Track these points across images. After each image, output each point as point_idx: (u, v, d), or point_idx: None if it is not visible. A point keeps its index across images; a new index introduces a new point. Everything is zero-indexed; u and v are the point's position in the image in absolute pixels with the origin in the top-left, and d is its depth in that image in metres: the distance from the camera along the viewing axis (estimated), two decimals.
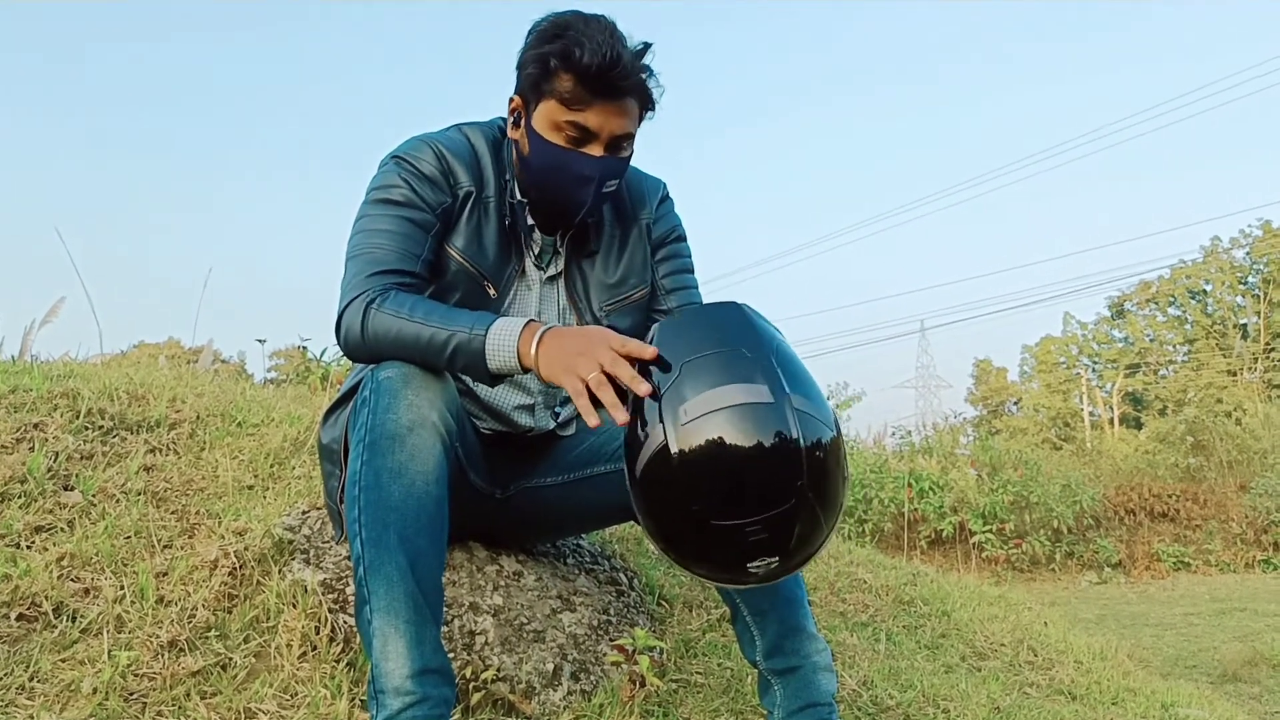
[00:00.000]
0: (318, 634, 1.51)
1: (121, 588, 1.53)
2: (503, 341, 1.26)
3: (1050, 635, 2.67)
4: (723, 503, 1.09)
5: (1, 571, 1.49)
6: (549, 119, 1.39)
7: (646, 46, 1.37)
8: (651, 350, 1.16)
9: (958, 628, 2.53)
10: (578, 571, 1.89)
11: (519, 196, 1.49)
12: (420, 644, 1.20)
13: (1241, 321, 32.85)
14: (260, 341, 4.08)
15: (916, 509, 9.14)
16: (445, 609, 1.50)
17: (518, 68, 1.42)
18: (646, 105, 1.42)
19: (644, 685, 1.59)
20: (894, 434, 11.74)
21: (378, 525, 1.23)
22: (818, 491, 1.10)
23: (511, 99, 1.46)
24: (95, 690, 1.31)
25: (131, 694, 1.34)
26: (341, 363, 3.43)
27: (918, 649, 2.30)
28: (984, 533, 8.86)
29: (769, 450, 1.07)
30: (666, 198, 1.64)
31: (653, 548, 1.24)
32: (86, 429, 2.06)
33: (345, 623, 1.54)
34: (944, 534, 9.03)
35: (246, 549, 1.65)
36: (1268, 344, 30.71)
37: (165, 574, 1.59)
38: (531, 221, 1.51)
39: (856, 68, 64.21)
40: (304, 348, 3.85)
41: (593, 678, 1.64)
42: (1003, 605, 2.90)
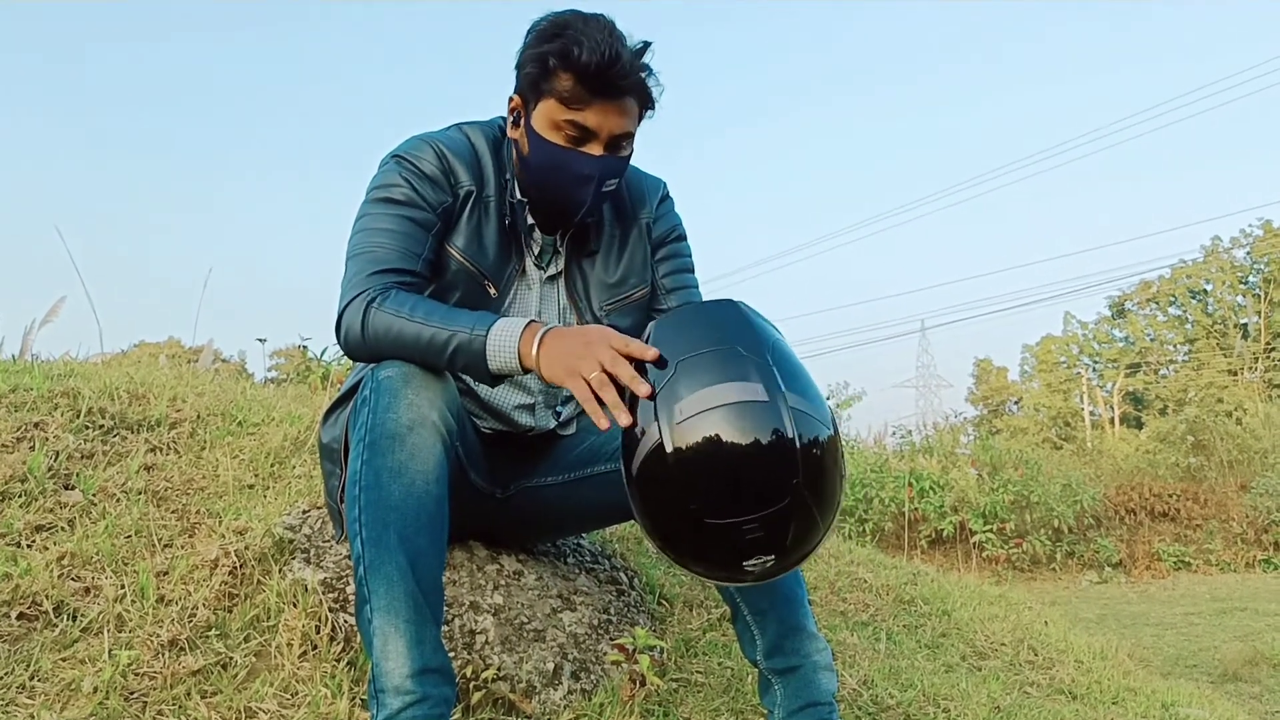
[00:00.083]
0: (318, 633, 1.51)
1: (122, 587, 1.53)
2: (504, 342, 1.26)
3: (1051, 635, 2.67)
4: (718, 501, 1.09)
5: (2, 570, 1.49)
6: (548, 118, 1.39)
7: (646, 45, 1.37)
8: (653, 352, 1.15)
9: (958, 627, 2.53)
10: (578, 571, 1.89)
11: (519, 196, 1.49)
12: (420, 643, 1.20)
13: (1242, 321, 32.84)
14: (261, 341, 4.09)
15: (917, 508, 9.13)
16: (445, 608, 1.50)
17: (517, 67, 1.42)
18: (646, 104, 1.42)
19: (644, 684, 1.59)
20: (894, 433, 11.76)
21: (378, 525, 1.23)
22: (814, 490, 1.10)
23: (511, 98, 1.46)
24: (96, 689, 1.31)
25: (132, 693, 1.34)
26: (342, 362, 3.43)
27: (918, 648, 2.30)
28: (984, 532, 8.86)
29: (764, 449, 1.07)
30: (666, 197, 1.64)
31: (650, 546, 1.24)
32: (87, 428, 2.07)
33: (346, 622, 1.54)
34: (944, 533, 9.03)
35: (247, 548, 1.65)
36: (1268, 343, 30.69)
37: (166, 573, 1.59)
38: (531, 221, 1.51)
39: (856, 68, 64.28)
40: (304, 347, 3.85)
41: (593, 677, 1.65)
42: (1003, 605, 2.90)
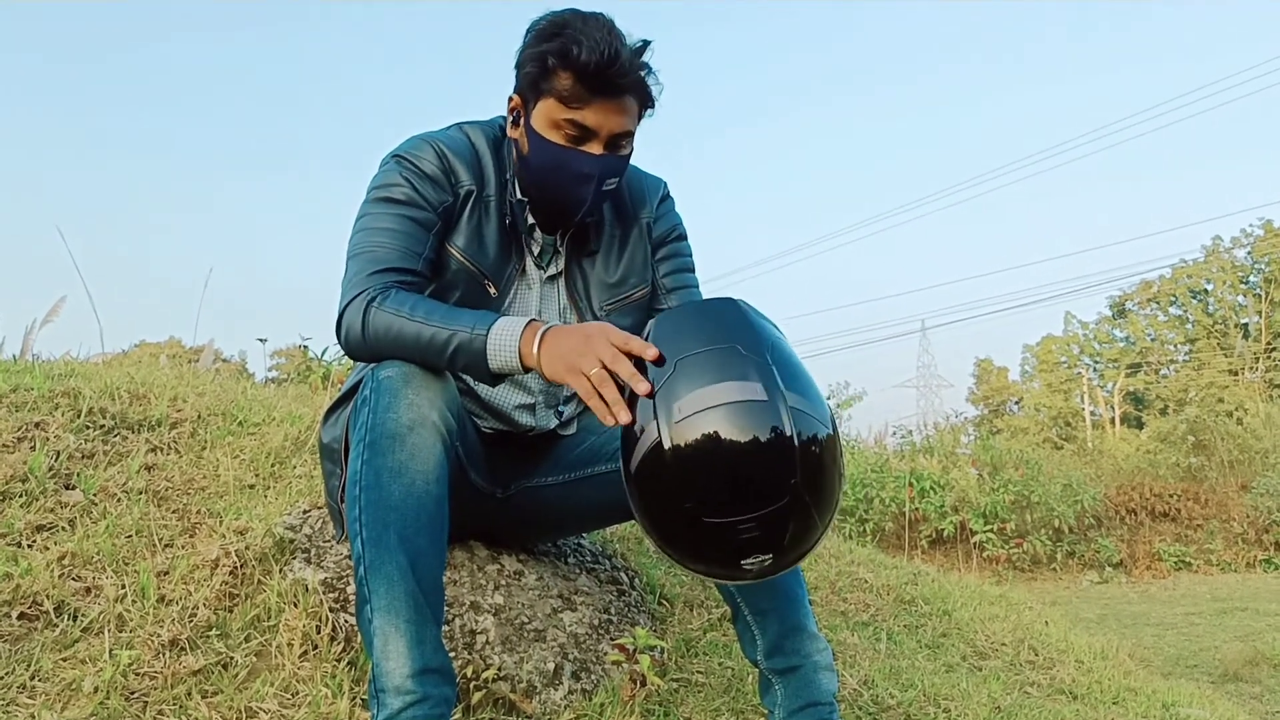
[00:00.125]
0: (319, 633, 1.51)
1: (122, 587, 1.53)
2: (504, 341, 1.26)
3: (1051, 635, 2.67)
4: (716, 500, 1.09)
5: (3, 570, 1.49)
6: (548, 117, 1.39)
7: (645, 44, 1.37)
8: (653, 350, 1.15)
9: (959, 627, 2.53)
10: (579, 571, 1.89)
11: (519, 195, 1.49)
12: (421, 643, 1.20)
13: (1243, 321, 32.82)
14: (261, 341, 4.09)
15: (917, 508, 9.13)
16: (446, 608, 1.50)
17: (516, 66, 1.42)
18: (646, 103, 1.41)
19: (645, 684, 1.59)
20: (895, 433, 11.75)
21: (378, 525, 1.23)
22: (812, 489, 1.10)
23: (510, 98, 1.46)
24: (96, 689, 1.31)
25: (132, 693, 1.34)
26: (342, 362, 3.43)
27: (919, 648, 2.29)
28: (985, 532, 8.85)
29: (762, 448, 1.07)
30: (667, 197, 1.64)
31: (649, 543, 1.24)
32: (88, 428, 2.07)
33: (346, 622, 1.54)
34: (945, 533, 9.02)
35: (247, 548, 1.65)
36: (1269, 343, 30.68)
37: (166, 573, 1.59)
38: (532, 220, 1.51)
39: (856, 68, 64.25)
40: (305, 347, 3.85)
41: (593, 677, 1.64)
42: (1004, 605, 2.90)
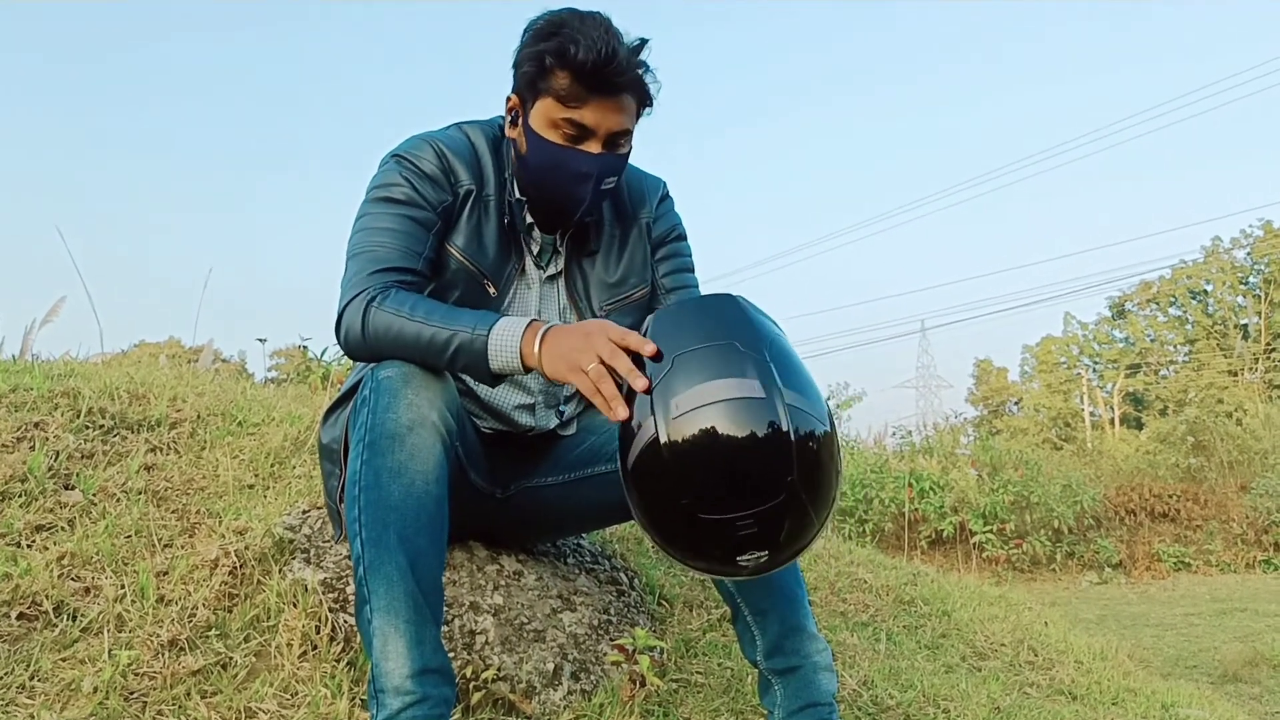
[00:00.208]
0: (318, 633, 1.51)
1: (122, 587, 1.53)
2: (505, 341, 1.26)
3: (1051, 635, 2.67)
4: (712, 496, 1.09)
5: (2, 570, 1.49)
6: (546, 117, 1.38)
7: (643, 42, 1.36)
8: (651, 346, 1.15)
9: (958, 628, 2.53)
10: (578, 571, 1.89)
11: (518, 195, 1.49)
12: (420, 643, 1.20)
13: (1242, 322, 32.84)
14: (261, 341, 4.09)
15: (917, 509, 9.13)
16: (445, 608, 1.50)
17: (514, 66, 1.42)
18: (644, 101, 1.41)
19: (644, 685, 1.59)
20: (894, 434, 11.74)
21: (378, 525, 1.23)
22: (808, 487, 1.10)
23: (508, 98, 1.46)
24: (95, 689, 1.31)
25: (132, 693, 1.34)
26: (342, 362, 3.43)
27: (918, 649, 2.29)
28: (984, 533, 8.86)
29: (759, 445, 1.07)
30: (666, 197, 1.64)
31: (647, 539, 1.24)
32: (87, 428, 2.06)
33: (345, 622, 1.54)
34: (944, 534, 9.02)
35: (247, 548, 1.65)
36: (1268, 344, 30.70)
37: (166, 573, 1.59)
38: (530, 220, 1.51)
39: (856, 68, 64.26)
40: (304, 347, 3.85)
41: (593, 677, 1.64)
42: (1003, 605, 2.90)
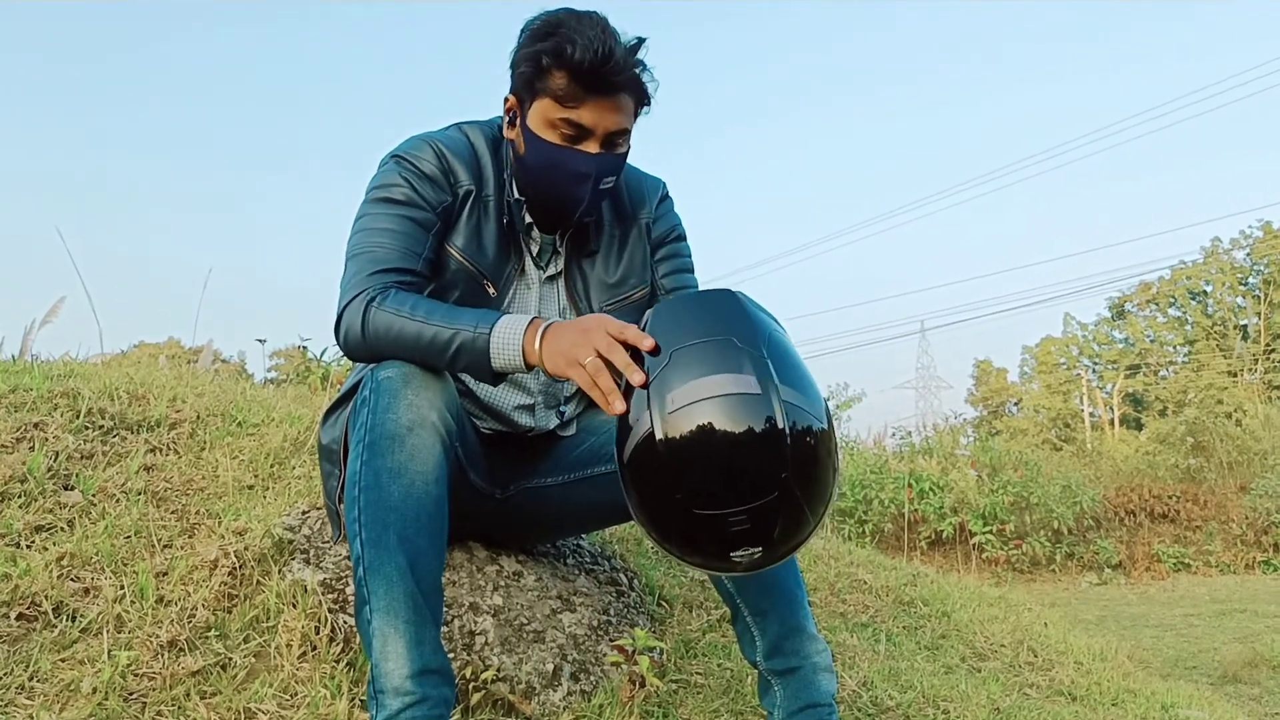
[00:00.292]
0: (317, 634, 1.51)
1: (121, 587, 1.53)
2: (507, 340, 1.26)
3: (1050, 636, 2.66)
4: (706, 492, 1.08)
5: (1, 571, 1.49)
6: (544, 117, 1.38)
7: (640, 41, 1.36)
8: (649, 341, 1.15)
9: (958, 629, 2.53)
10: (578, 572, 1.89)
11: (516, 195, 1.49)
12: (420, 644, 1.20)
13: (1242, 322, 32.86)
14: (260, 341, 4.08)
15: (917, 510, 9.14)
16: (445, 609, 1.50)
17: (511, 67, 1.42)
18: (642, 100, 1.41)
19: (644, 686, 1.59)
20: (894, 435, 11.75)
21: (377, 525, 1.23)
22: (803, 484, 1.09)
23: (506, 99, 1.46)
24: (95, 690, 1.31)
25: (131, 694, 1.34)
26: (342, 363, 3.43)
27: (918, 650, 2.29)
28: (984, 534, 8.86)
29: (754, 441, 1.07)
30: (666, 197, 1.64)
31: (643, 533, 1.24)
32: (87, 429, 2.06)
33: (345, 623, 1.53)
34: (944, 535, 9.03)
35: (246, 549, 1.65)
36: (1268, 345, 30.71)
37: (165, 574, 1.59)
38: (530, 220, 1.51)
39: (856, 68, 64.30)
40: (304, 348, 3.85)
41: (592, 678, 1.64)
42: (1003, 606, 2.89)
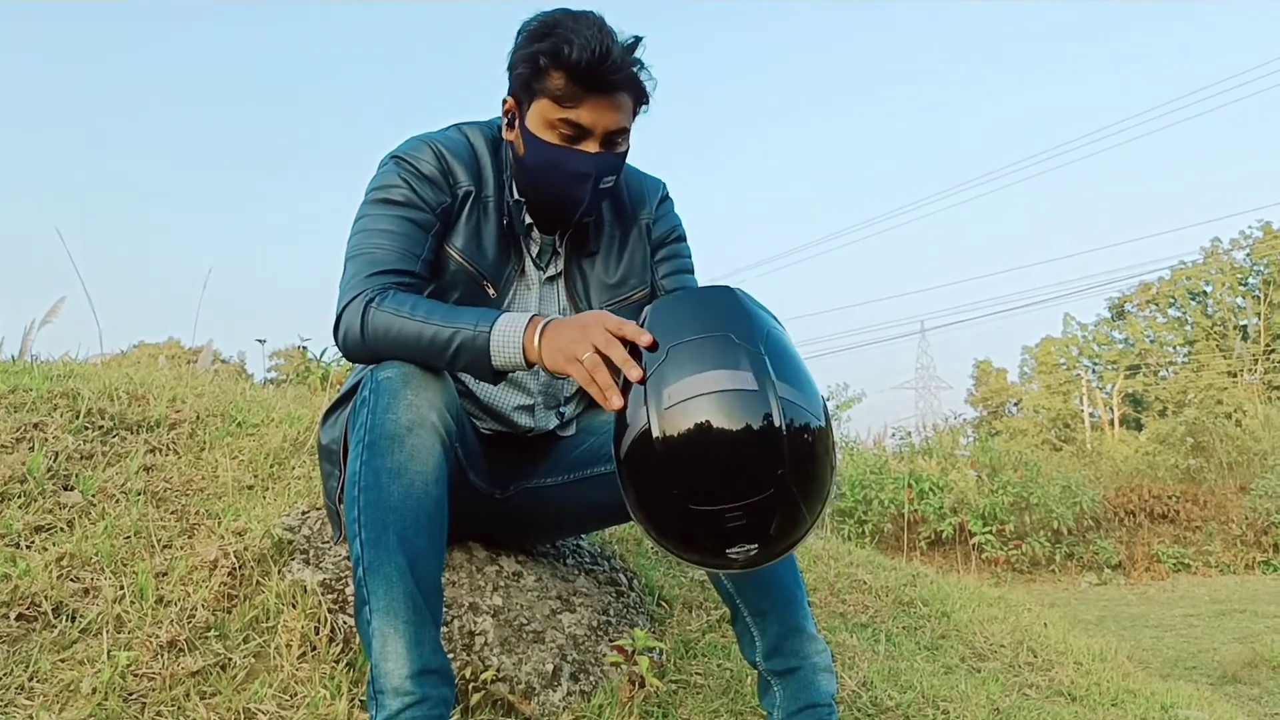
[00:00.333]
0: (317, 634, 1.51)
1: (121, 588, 1.53)
2: (508, 337, 1.26)
3: (1050, 636, 2.66)
4: (702, 487, 1.08)
5: (1, 571, 1.49)
6: (542, 118, 1.38)
7: (637, 40, 1.36)
8: (647, 336, 1.15)
9: (957, 629, 2.53)
10: (577, 572, 1.89)
11: (516, 196, 1.49)
12: (419, 644, 1.20)
13: (1241, 323, 32.86)
14: (260, 341, 4.08)
15: (916, 510, 9.14)
16: (445, 609, 1.50)
17: (509, 69, 1.42)
18: (640, 99, 1.41)
19: (643, 686, 1.59)
20: (894, 435, 11.76)
21: (377, 525, 1.23)
22: (800, 481, 1.09)
23: (505, 100, 1.46)
24: (94, 690, 1.31)
25: (131, 694, 1.34)
26: (341, 363, 3.43)
27: (917, 650, 2.29)
28: (984, 534, 8.86)
29: (750, 437, 1.07)
30: (666, 198, 1.64)
31: (640, 530, 1.24)
32: (86, 429, 2.06)
33: (345, 623, 1.54)
34: (944, 535, 9.03)
35: (246, 549, 1.65)
36: (1268, 345, 30.71)
37: (165, 574, 1.59)
38: (529, 220, 1.51)
39: (856, 68, 64.26)
40: (304, 348, 3.85)
41: (592, 678, 1.64)
42: (1002, 606, 2.89)
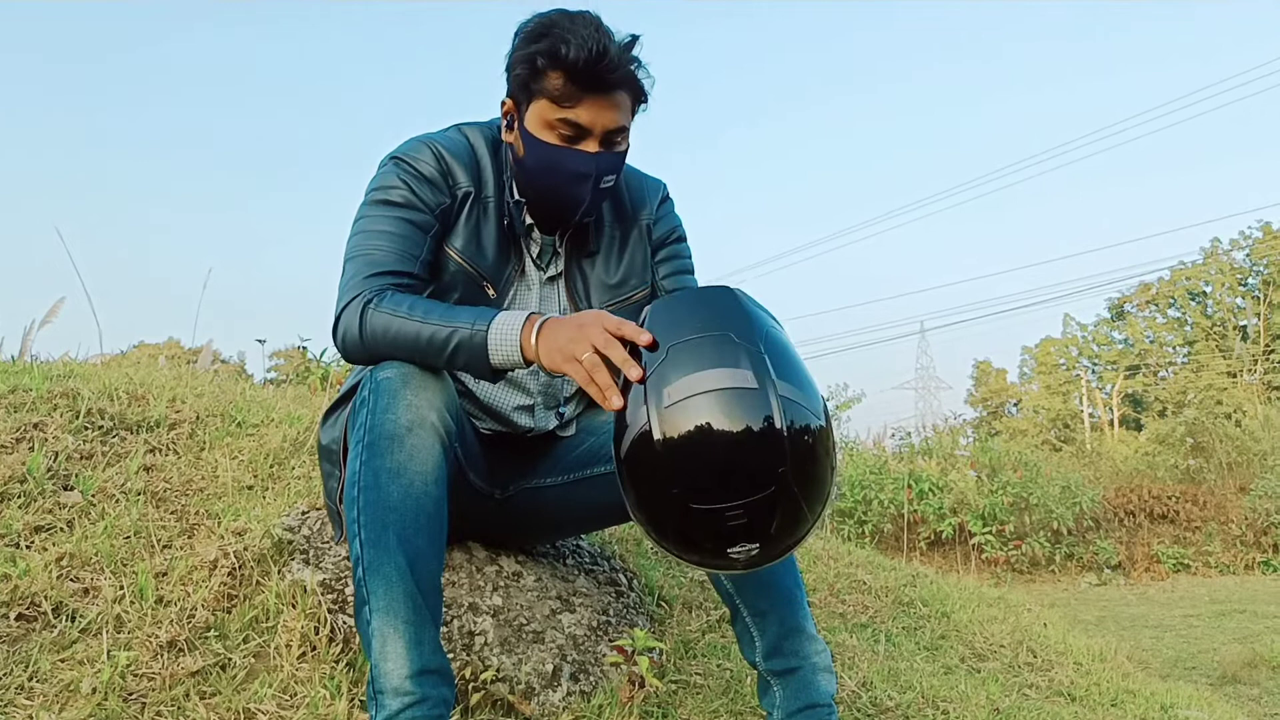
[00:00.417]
0: (317, 634, 1.51)
1: (121, 588, 1.53)
2: (505, 336, 1.26)
3: (1050, 637, 2.67)
4: (702, 486, 1.08)
5: (1, 571, 1.49)
6: (541, 118, 1.38)
7: (634, 39, 1.36)
8: (646, 336, 1.15)
9: (957, 629, 2.53)
10: (577, 572, 1.89)
11: (516, 196, 1.49)
12: (419, 644, 1.20)
13: (1241, 323, 32.85)
14: (260, 342, 4.09)
15: (916, 510, 9.14)
16: (445, 609, 1.50)
17: (506, 70, 1.42)
18: (638, 97, 1.41)
19: (643, 686, 1.59)
20: (894, 435, 11.77)
21: (377, 525, 1.23)
22: (801, 480, 1.09)
23: (503, 102, 1.46)
24: (94, 690, 1.31)
25: (131, 694, 1.34)
26: (341, 363, 3.43)
27: (917, 650, 2.29)
28: (984, 534, 8.86)
29: (750, 435, 1.07)
30: (667, 198, 1.64)
31: (641, 531, 1.24)
32: (86, 429, 2.06)
33: (344, 623, 1.54)
34: (944, 535, 9.03)
35: (246, 549, 1.65)
36: (1267, 345, 30.71)
37: (165, 574, 1.59)
38: (530, 221, 1.51)
39: (856, 68, 64.32)
40: (304, 348, 3.85)
41: (592, 679, 1.64)
42: (1002, 607, 2.90)
